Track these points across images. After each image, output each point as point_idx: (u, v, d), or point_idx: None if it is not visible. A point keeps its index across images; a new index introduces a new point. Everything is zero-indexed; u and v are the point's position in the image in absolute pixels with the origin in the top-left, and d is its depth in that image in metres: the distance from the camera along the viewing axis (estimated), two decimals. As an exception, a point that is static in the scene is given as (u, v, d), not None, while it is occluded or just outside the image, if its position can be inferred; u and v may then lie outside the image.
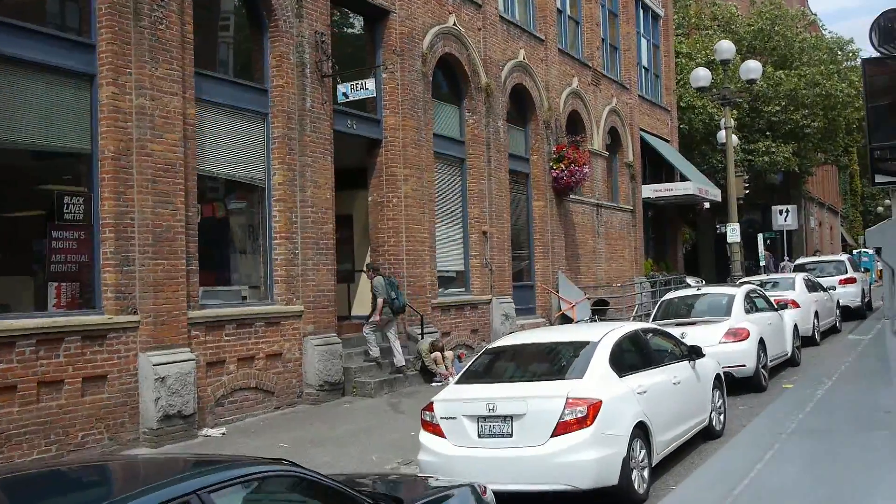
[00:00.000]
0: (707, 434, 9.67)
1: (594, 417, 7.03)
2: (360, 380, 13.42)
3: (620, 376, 7.75)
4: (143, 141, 10.37)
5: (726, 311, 13.21)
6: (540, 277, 20.51)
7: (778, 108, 37.07)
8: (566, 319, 20.36)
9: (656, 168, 30.29)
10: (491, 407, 7.27)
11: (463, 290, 17.70)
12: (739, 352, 12.54)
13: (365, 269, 14.08)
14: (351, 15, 15.69)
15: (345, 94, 13.43)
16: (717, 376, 10.04)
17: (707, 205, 31.63)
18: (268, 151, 12.69)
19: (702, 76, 22.94)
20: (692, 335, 12.71)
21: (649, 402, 7.86)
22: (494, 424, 7.27)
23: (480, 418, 7.34)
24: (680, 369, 8.96)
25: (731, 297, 13.50)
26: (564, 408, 7.04)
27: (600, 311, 23.08)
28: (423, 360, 14.28)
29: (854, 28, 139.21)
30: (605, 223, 24.19)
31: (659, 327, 10.09)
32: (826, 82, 36.44)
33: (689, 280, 33.71)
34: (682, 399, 8.72)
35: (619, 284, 23.48)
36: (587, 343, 7.99)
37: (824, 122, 38.42)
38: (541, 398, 7.21)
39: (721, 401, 10.07)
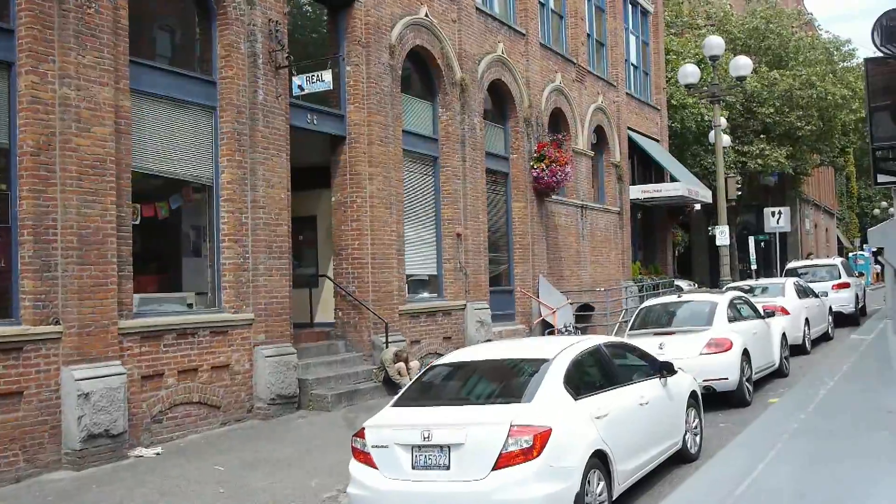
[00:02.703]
0: (680, 458, 8.80)
1: (542, 448, 6.15)
2: (317, 392, 12.54)
3: (577, 398, 6.88)
4: (68, 134, 9.48)
5: (708, 320, 12.34)
6: (519, 282, 19.64)
7: (772, 110, 36.30)
8: (547, 325, 19.51)
9: (645, 168, 29.44)
10: (426, 435, 6.39)
11: (436, 295, 16.83)
12: (721, 364, 11.68)
13: None
14: (312, 4, 14.82)
15: (300, 87, 12.57)
16: (693, 393, 9.18)
17: (698, 206, 30.77)
18: (216, 147, 11.82)
19: (690, 72, 22.07)
20: (671, 345, 11.90)
21: (610, 426, 6.99)
22: (430, 455, 6.39)
23: (415, 447, 6.46)
24: (648, 388, 8.09)
25: (714, 305, 12.64)
26: (507, 437, 6.16)
27: (585, 316, 22.26)
28: (386, 370, 13.40)
29: (853, 31, 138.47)
30: (590, 225, 23.32)
31: (626, 341, 9.22)
32: (820, 84, 35.66)
33: (681, 283, 32.92)
34: (650, 421, 7.85)
35: (602, 289, 22.60)
36: (540, 361, 7.11)
37: (819, 124, 37.67)
38: (481, 426, 6.33)
39: (697, 420, 9.21)
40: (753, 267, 28.69)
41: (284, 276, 12.43)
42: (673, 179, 28.11)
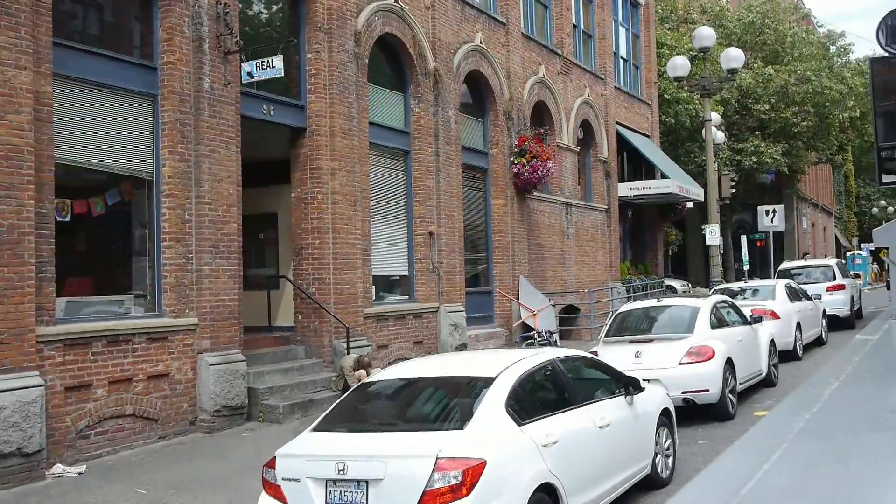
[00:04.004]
0: (650, 483, 7.92)
1: (473, 484, 5.27)
2: (268, 403, 11.65)
3: (521, 423, 5.98)
4: (-23, 123, 8.60)
5: (688, 327, 11.44)
6: (499, 283, 18.76)
7: (767, 107, 35.50)
8: (528, 328, 18.62)
9: (636, 165, 28.53)
10: (341, 468, 5.51)
11: (406, 297, 15.94)
12: (702, 374, 10.79)
13: None
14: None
15: (249, 74, 11.66)
16: (665, 411, 8.28)
17: (690, 204, 29.87)
18: (156, 139, 10.91)
19: (679, 65, 21.20)
20: (648, 354, 11.04)
21: (561, 455, 6.11)
22: (346, 491, 5.51)
23: (329, 482, 5.58)
24: (610, 407, 7.19)
25: (695, 311, 11.74)
26: (433, 471, 5.28)
27: (569, 318, 21.41)
28: (345, 378, 12.50)
29: (851, 30, 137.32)
30: (575, 224, 22.42)
31: (587, 355, 8.32)
32: (815, 79, 34.83)
33: (674, 283, 32.06)
34: (611, 445, 6.96)
35: (586, 290, 21.69)
36: (481, 380, 6.22)
37: (815, 120, 36.87)
38: (403, 458, 5.44)
39: (669, 441, 8.31)
40: (746, 267, 27.83)
41: (233, 277, 11.53)
42: (664, 177, 27.22)
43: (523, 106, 19.86)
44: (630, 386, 7.57)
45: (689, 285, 34.27)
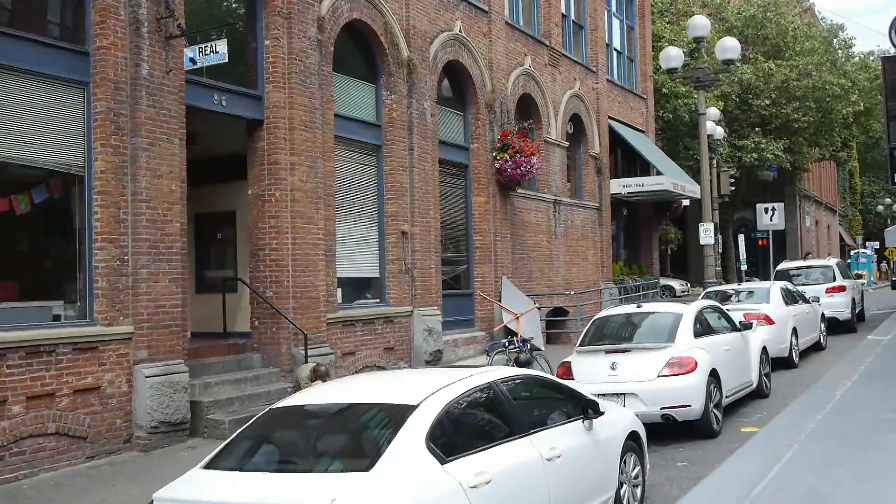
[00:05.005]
0: (614, 518, 6.98)
1: (376, 541, 4.35)
2: (214, 417, 10.74)
3: (446, 461, 5.05)
4: None
5: (669, 336, 10.48)
6: (480, 284, 17.82)
7: (768, 102, 34.54)
8: (509, 333, 17.66)
9: (631, 162, 27.56)
10: (220, 518, 4.59)
11: (377, 300, 15.02)
12: (683, 388, 9.84)
13: None
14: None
15: (192, 60, 10.76)
16: (632, 435, 7.32)
17: (687, 202, 28.89)
18: (88, 131, 10.00)
19: (672, 56, 20.25)
20: (625, 366, 10.12)
21: (495, 496, 5.17)
22: (226, 546, 4.59)
23: (209, 534, 4.67)
24: (563, 435, 6.25)
25: (677, 318, 10.78)
26: (327, 525, 4.35)
27: (558, 322, 20.49)
28: (301, 390, 11.57)
29: (853, 28, 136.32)
30: (564, 222, 21.46)
31: (537, 374, 7.37)
32: (816, 74, 33.86)
33: (673, 283, 31.11)
34: (563, 479, 6.01)
35: (572, 292, 20.72)
36: (400, 408, 5.28)
37: (818, 116, 35.89)
38: (293, 508, 4.52)
39: (637, 468, 7.36)
40: (743, 267, 26.84)
41: (175, 281, 10.61)
42: (659, 174, 26.25)
43: (507, 99, 18.92)
44: (589, 409, 6.62)
45: (689, 285, 33.32)
